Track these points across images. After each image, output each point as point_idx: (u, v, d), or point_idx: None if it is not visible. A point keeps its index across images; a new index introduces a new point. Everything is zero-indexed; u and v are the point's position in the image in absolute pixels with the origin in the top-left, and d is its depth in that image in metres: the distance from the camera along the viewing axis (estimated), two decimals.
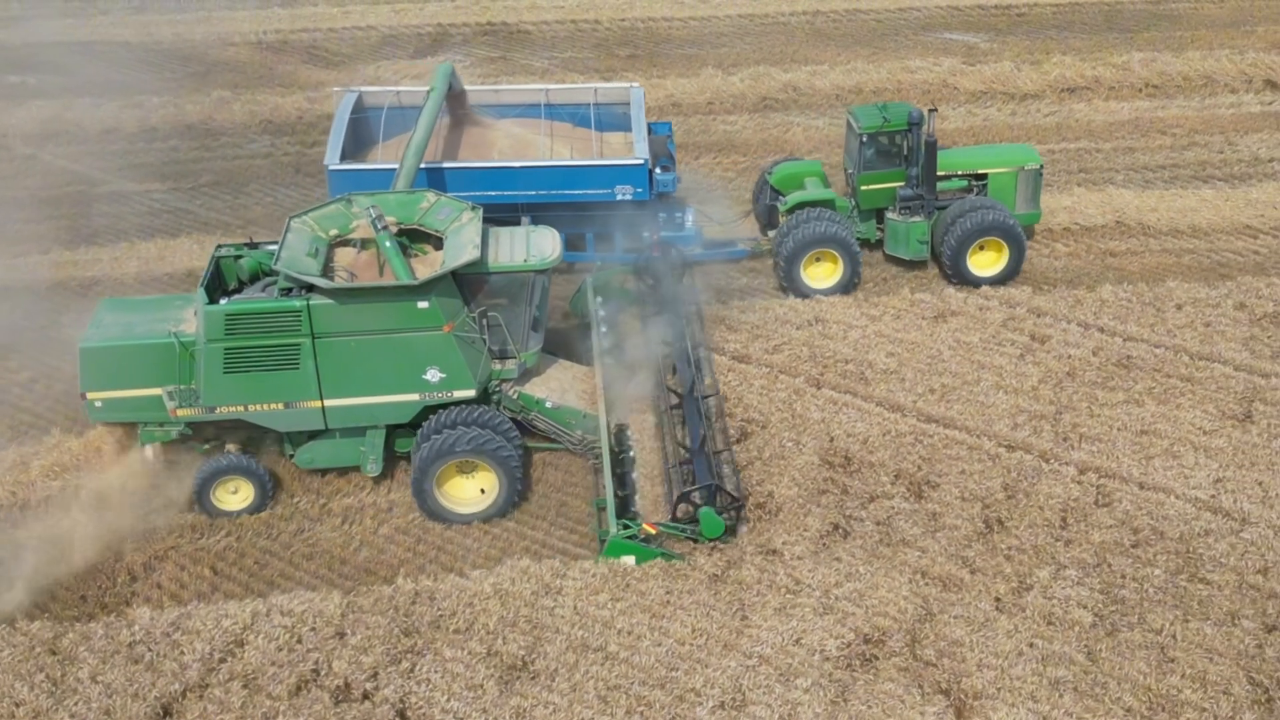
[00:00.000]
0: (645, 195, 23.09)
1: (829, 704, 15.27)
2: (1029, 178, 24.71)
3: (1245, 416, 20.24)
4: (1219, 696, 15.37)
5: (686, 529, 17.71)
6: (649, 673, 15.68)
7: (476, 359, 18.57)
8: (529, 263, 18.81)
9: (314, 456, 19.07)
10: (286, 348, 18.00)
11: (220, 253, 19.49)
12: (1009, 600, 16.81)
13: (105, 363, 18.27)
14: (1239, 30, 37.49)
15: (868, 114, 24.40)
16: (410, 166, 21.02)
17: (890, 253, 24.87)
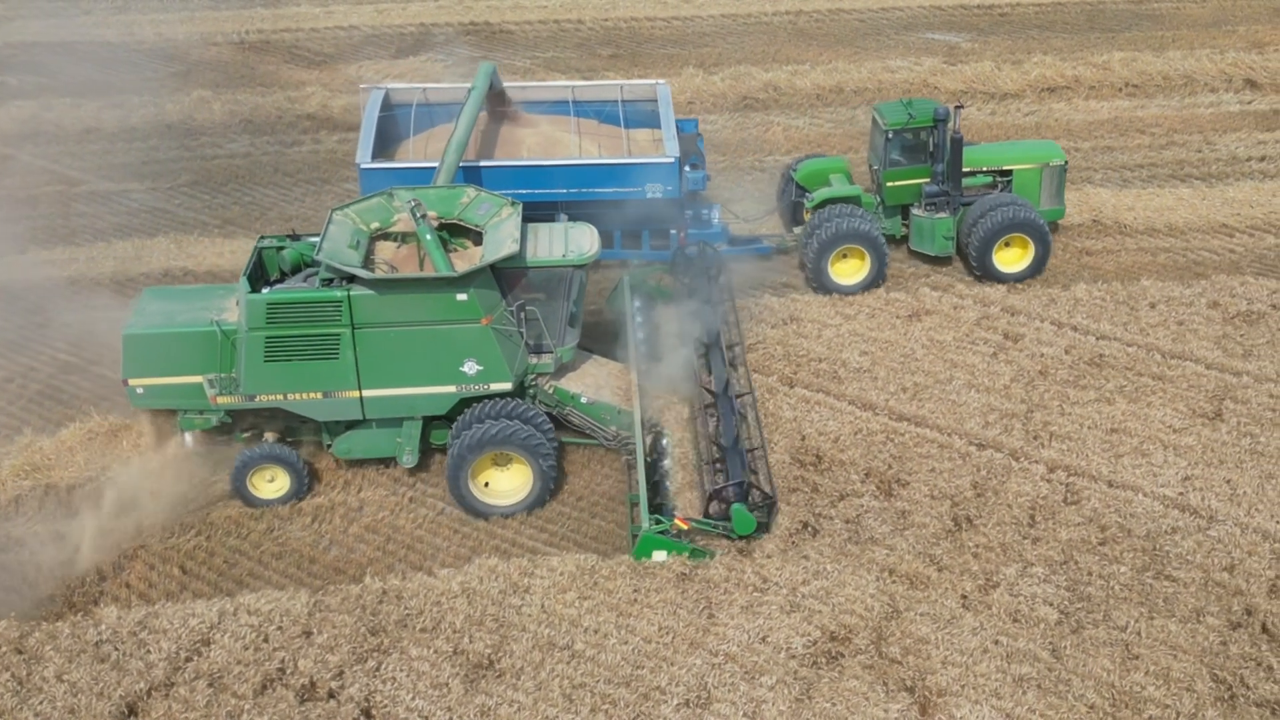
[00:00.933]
0: (676, 193, 23.23)
1: (793, 701, 15.32)
2: (1053, 174, 24.84)
3: (1215, 415, 20.31)
4: (1182, 693, 15.43)
5: (719, 525, 17.80)
6: (614, 671, 15.71)
7: (513, 352, 18.73)
8: (567, 258, 18.98)
9: (351, 447, 19.26)
10: (326, 337, 18.19)
11: (263, 244, 19.74)
12: (975, 598, 16.86)
13: (147, 350, 18.59)
14: (1220, 30, 37.58)
15: (893, 110, 24.50)
16: (451, 163, 21.20)
17: (915, 248, 24.96)
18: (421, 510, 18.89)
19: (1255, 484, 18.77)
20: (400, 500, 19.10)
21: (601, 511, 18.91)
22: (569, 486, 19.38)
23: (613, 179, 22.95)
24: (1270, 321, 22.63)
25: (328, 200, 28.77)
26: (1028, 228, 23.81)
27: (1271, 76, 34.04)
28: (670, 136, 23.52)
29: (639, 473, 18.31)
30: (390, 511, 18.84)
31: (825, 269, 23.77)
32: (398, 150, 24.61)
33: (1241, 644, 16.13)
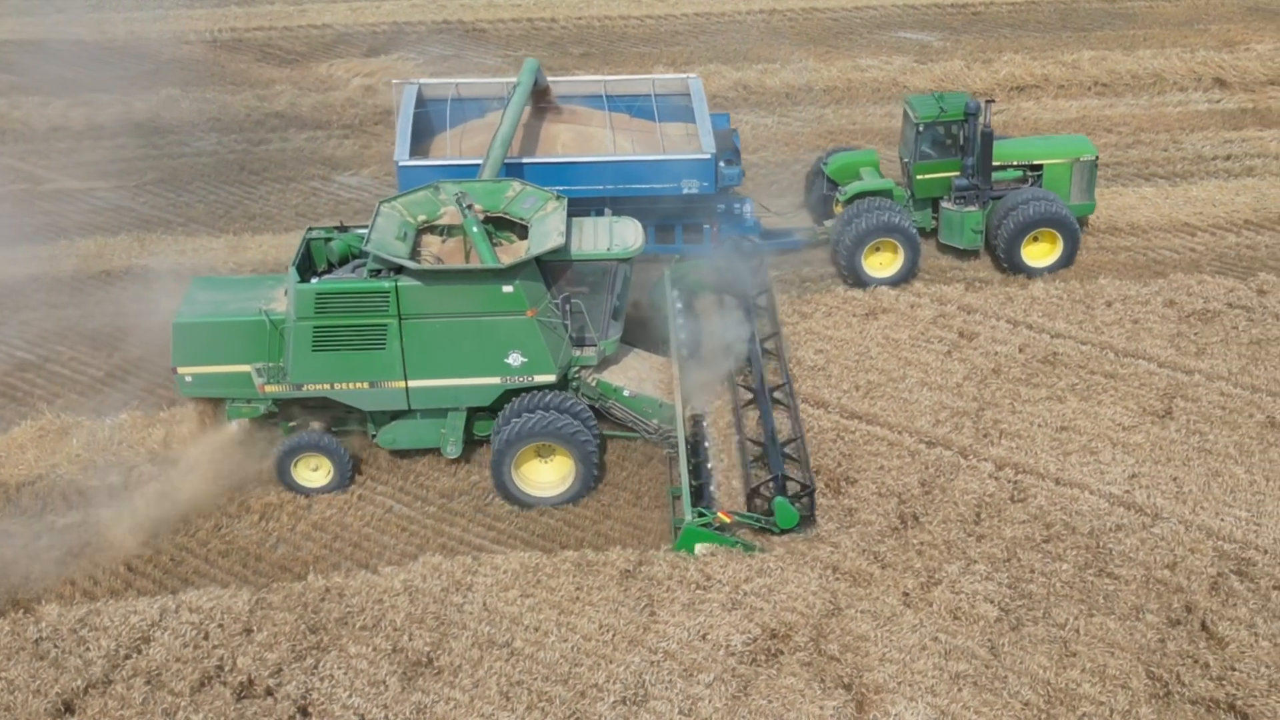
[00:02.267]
0: (711, 189, 23.32)
1: (729, 699, 15.35)
2: (1084, 169, 24.90)
3: (1165, 413, 20.35)
4: (1117, 690, 15.48)
5: (762, 519, 17.88)
6: (553, 669, 15.74)
7: (558, 345, 18.87)
8: (612, 251, 19.08)
9: (396, 437, 19.43)
10: (374, 328, 18.38)
11: (311, 235, 19.91)
12: (917, 595, 16.90)
13: (197, 339, 18.85)
14: (1192, 29, 37.62)
15: (924, 104, 24.63)
16: (496, 158, 21.32)
17: (944, 242, 25.09)
18: (369, 508, 18.91)
19: (1201, 481, 18.82)
20: (349, 498, 19.13)
21: (550, 509, 18.93)
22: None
23: (649, 174, 23.08)
24: (1225, 320, 22.68)
25: (292, 199, 28.82)
26: (1056, 222, 23.97)
27: (1241, 75, 34.10)
28: (706, 131, 23.67)
29: (681, 465, 18.37)
30: (339, 509, 18.86)
31: (859, 262, 23.91)
32: (432, 145, 24.77)
33: (1179, 641, 16.17)
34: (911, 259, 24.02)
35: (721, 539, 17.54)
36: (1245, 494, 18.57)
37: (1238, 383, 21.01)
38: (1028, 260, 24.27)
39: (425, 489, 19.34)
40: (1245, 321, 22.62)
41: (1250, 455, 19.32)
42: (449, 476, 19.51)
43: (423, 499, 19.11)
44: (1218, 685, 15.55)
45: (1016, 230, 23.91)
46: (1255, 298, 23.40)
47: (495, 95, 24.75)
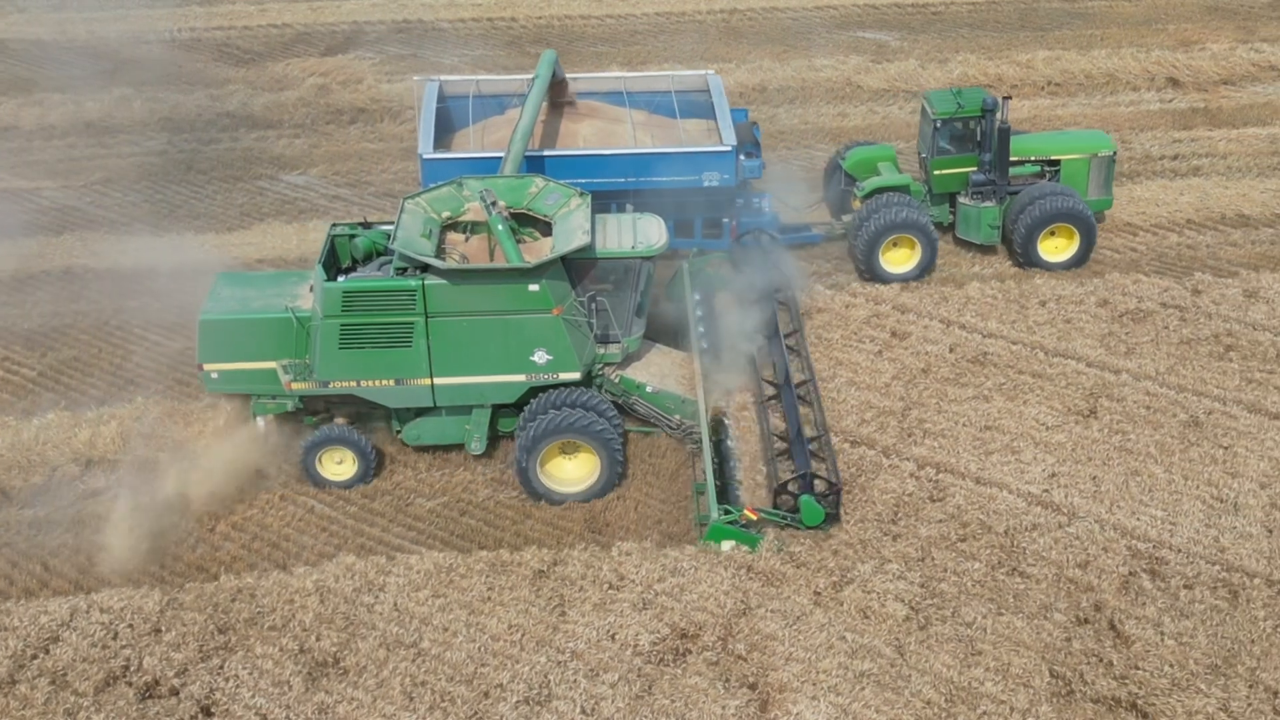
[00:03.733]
0: (732, 182, 23.47)
1: (632, 698, 15.39)
2: (1102, 164, 25.00)
3: (1090, 413, 20.40)
4: (1019, 688, 15.53)
5: (787, 516, 17.97)
6: (458, 669, 15.78)
7: (582, 342, 18.98)
8: (636, 249, 19.19)
9: (420, 433, 19.57)
10: (400, 326, 18.48)
11: (335, 231, 19.96)
12: (828, 594, 16.94)
13: (222, 335, 18.95)
14: (1150, 28, 37.66)
15: (942, 99, 24.74)
16: (517, 152, 21.41)
17: (961, 236, 25.19)
18: (290, 508, 18.93)
19: (1120, 481, 18.87)
20: (271, 498, 19.13)
21: (471, 510, 18.97)
22: (442, 484, 19.44)
23: (670, 168, 23.23)
24: (1157, 320, 22.74)
25: (238, 198, 28.81)
26: (1073, 217, 24.06)
27: (1194, 75, 34.16)
28: (726, 125, 23.86)
29: (705, 461, 18.48)
30: (259, 509, 18.87)
31: (876, 258, 24.00)
32: (454, 141, 24.96)
33: (1085, 640, 16.23)
34: (929, 255, 24.17)
35: (747, 536, 17.66)
36: (1163, 493, 18.63)
37: (1164, 382, 21.07)
38: (1044, 255, 24.42)
39: (348, 489, 19.38)
40: (1177, 321, 22.67)
41: (1170, 455, 19.38)
42: (373, 476, 19.53)
43: (344, 499, 19.11)
44: (1120, 684, 15.61)
45: (1033, 225, 24.07)
46: (1189, 297, 23.46)
47: (516, 91, 24.82)
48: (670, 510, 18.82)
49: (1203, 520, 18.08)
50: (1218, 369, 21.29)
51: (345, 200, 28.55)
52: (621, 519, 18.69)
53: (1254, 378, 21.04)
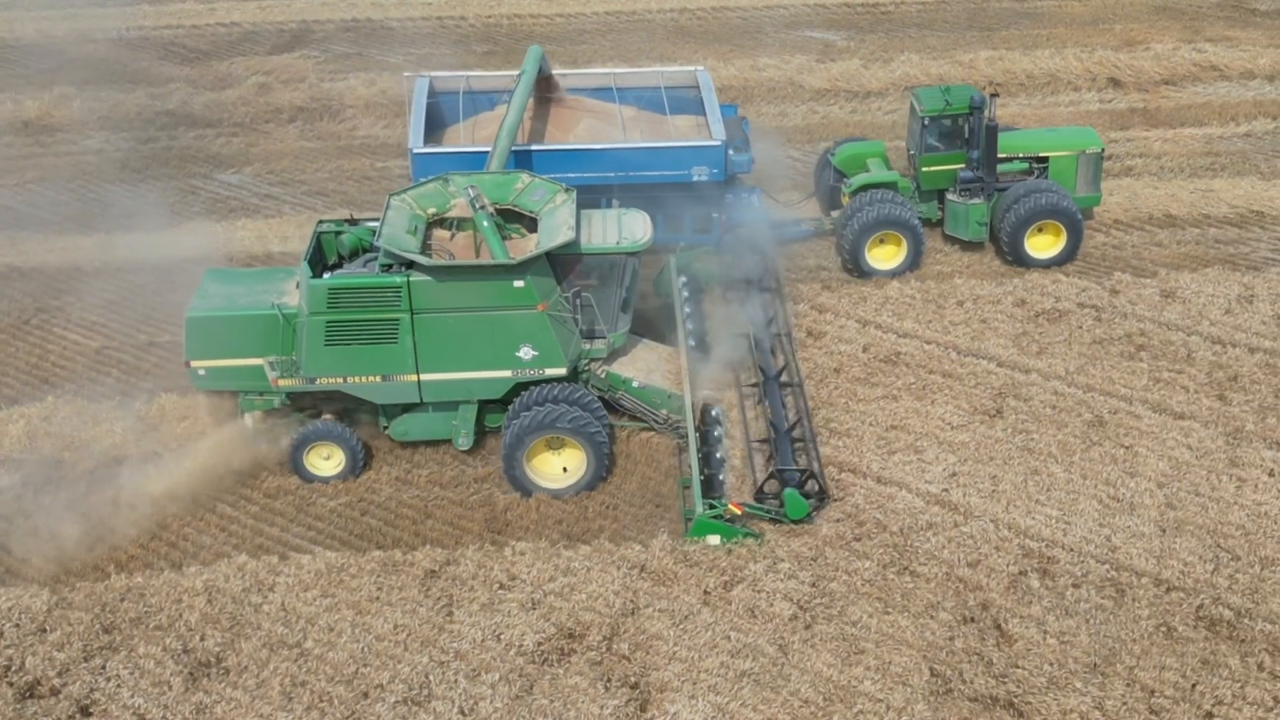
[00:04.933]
0: (721, 176, 23.56)
1: (511, 699, 15.43)
2: (1089, 161, 25.12)
3: (996, 412, 20.47)
4: (897, 687, 15.59)
5: (771, 510, 18.06)
6: (339, 669, 15.80)
7: (568, 338, 19.06)
8: (621, 245, 19.28)
9: (407, 429, 19.67)
10: (386, 322, 18.56)
11: (322, 228, 20.04)
12: (717, 594, 16.99)
13: (209, 332, 19.00)
14: (1097, 28, 37.74)
15: (930, 96, 24.86)
16: (503, 148, 21.54)
17: (950, 233, 25.29)
18: (193, 507, 18.86)
19: (1019, 480, 18.94)
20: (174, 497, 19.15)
21: (373, 509, 18.98)
22: (345, 485, 19.38)
23: (660, 162, 23.36)
24: (1072, 320, 22.81)
25: (170, 197, 28.76)
26: (1060, 214, 24.19)
27: (1136, 75, 34.25)
28: (716, 120, 24.02)
29: (691, 456, 18.57)
30: (162, 508, 18.86)
31: (863, 254, 24.10)
32: (445, 136, 25.09)
33: (969, 639, 16.29)
34: (915, 251, 24.29)
35: (732, 530, 17.74)
36: (1060, 493, 18.70)
37: (1073, 382, 21.14)
38: (1031, 252, 24.53)
39: (250, 488, 19.38)
40: (1092, 321, 22.75)
41: (1071, 454, 19.46)
42: (277, 476, 19.52)
43: (246, 498, 19.12)
44: (999, 683, 15.67)
45: (1020, 222, 24.18)
46: (1107, 297, 23.53)
47: (506, 88, 24.81)
48: (572, 510, 18.88)
49: (1097, 520, 18.15)
50: (1127, 369, 21.37)
51: (277, 199, 28.56)
52: (523, 519, 18.72)
53: (1162, 377, 21.12)
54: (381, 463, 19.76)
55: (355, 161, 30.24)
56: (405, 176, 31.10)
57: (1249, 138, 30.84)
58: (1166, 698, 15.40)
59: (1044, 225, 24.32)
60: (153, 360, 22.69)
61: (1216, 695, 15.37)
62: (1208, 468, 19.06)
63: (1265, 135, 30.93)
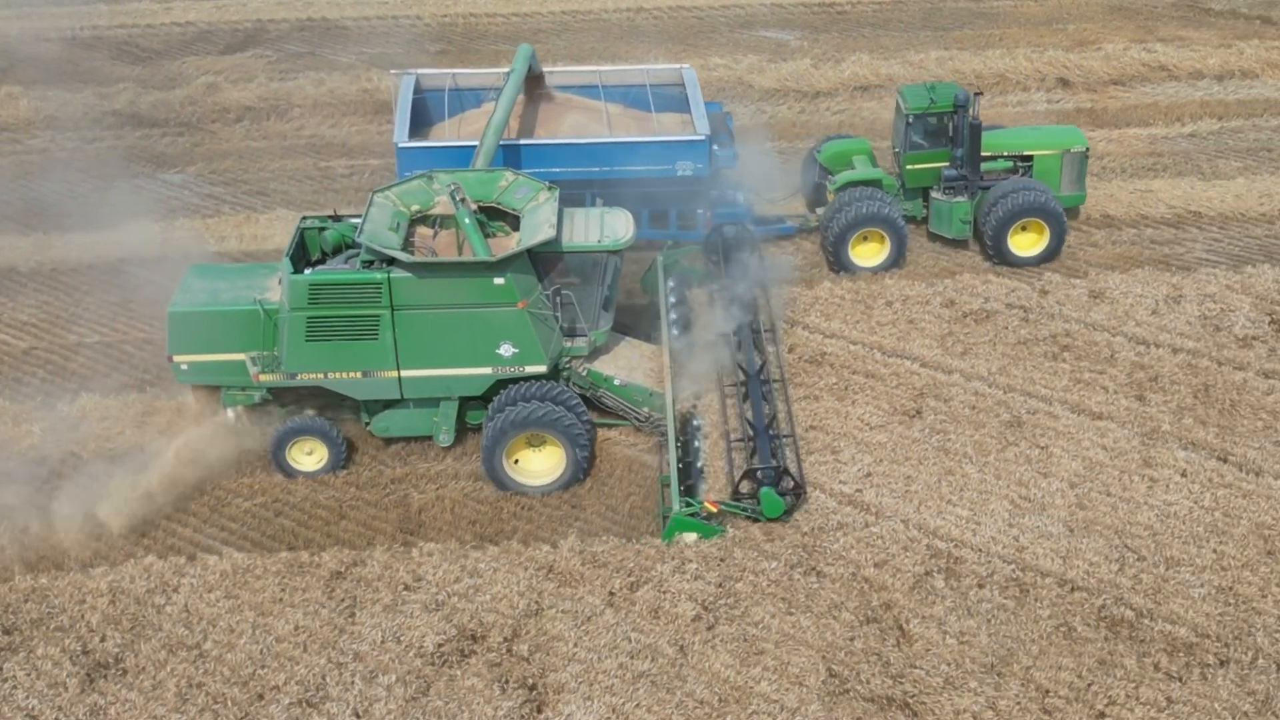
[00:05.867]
0: (706, 171, 23.67)
1: (406, 700, 15.44)
2: (1074, 160, 25.22)
3: (915, 413, 20.49)
4: (793, 687, 15.62)
5: (748, 508, 18.11)
6: (236, 670, 15.81)
7: (548, 336, 19.12)
8: (603, 243, 19.36)
9: (389, 425, 19.76)
10: (367, 318, 18.66)
11: (305, 224, 20.11)
12: (622, 595, 17.01)
13: (192, 327, 19.10)
14: (1050, 28, 37.77)
15: (915, 94, 24.94)
16: (490, 145, 21.60)
17: (934, 231, 25.36)
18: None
19: (932, 481, 18.97)
20: (90, 497, 19.10)
21: (287, 510, 18.98)
22: (261, 485, 19.42)
23: (644, 157, 23.49)
24: (998, 320, 22.84)
25: (111, 197, 28.68)
26: (1043, 212, 24.29)
27: (1085, 75, 34.29)
28: (700, 115, 24.13)
29: (670, 454, 18.63)
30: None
31: (846, 251, 24.20)
32: (431, 132, 25.20)
33: (869, 639, 16.33)
34: (898, 249, 24.38)
35: (708, 529, 17.80)
36: (972, 493, 18.73)
37: (994, 383, 21.17)
38: (1015, 250, 24.63)
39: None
40: (1018, 321, 22.78)
41: (986, 454, 19.49)
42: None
43: None
44: (895, 683, 15.71)
45: (1003, 220, 24.29)
46: (1035, 298, 23.57)
47: (492, 85, 24.99)
48: (487, 510, 18.89)
49: (1006, 520, 18.19)
50: (1049, 369, 21.42)
51: (217, 199, 28.52)
52: (437, 519, 18.74)
53: (1083, 378, 21.17)
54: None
55: (299, 161, 30.23)
56: (349, 175, 31.53)
57: (1193, 138, 30.91)
58: (1060, 698, 15.45)
59: (1027, 224, 24.41)
60: (80, 361, 22.68)
61: (1110, 695, 15.44)
62: (1121, 468, 19.12)
63: (1209, 136, 31.04)
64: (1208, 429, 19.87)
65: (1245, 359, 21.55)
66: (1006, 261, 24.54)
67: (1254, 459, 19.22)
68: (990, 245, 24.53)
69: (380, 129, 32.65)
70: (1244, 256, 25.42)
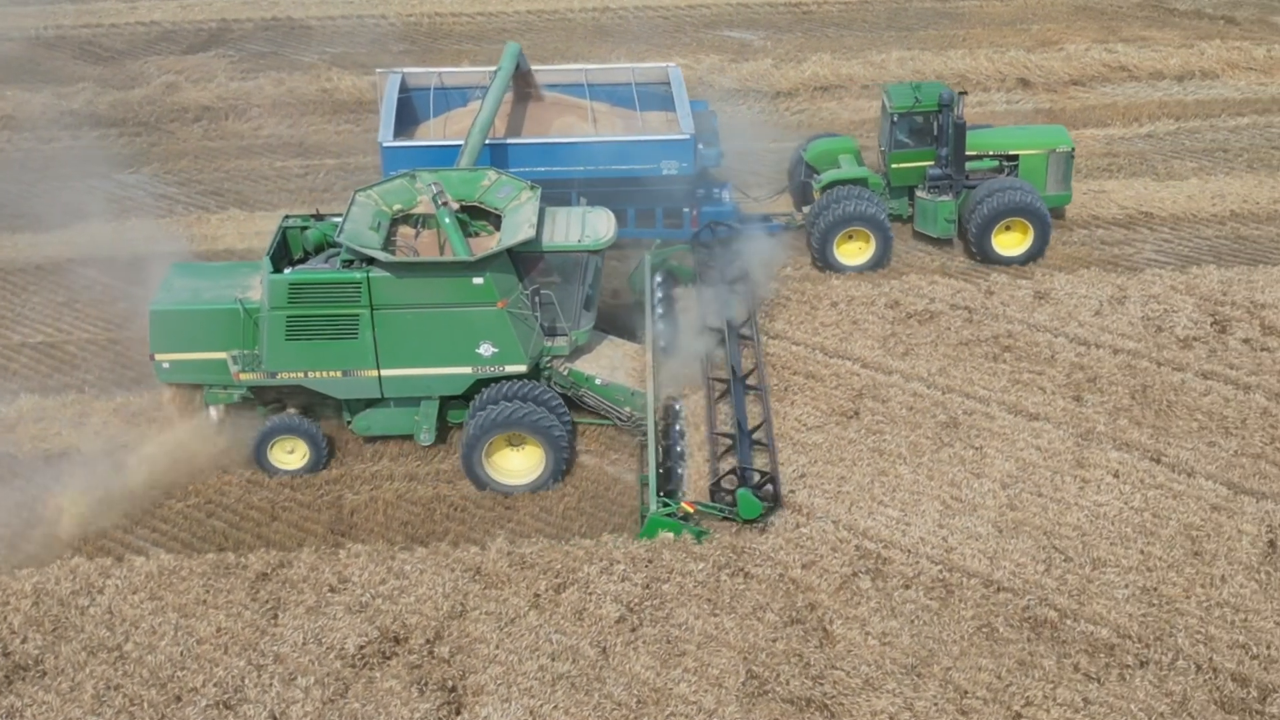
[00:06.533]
0: (690, 170, 23.72)
1: (323, 702, 15.43)
2: (1060, 160, 25.29)
3: (853, 413, 20.49)
4: (712, 689, 15.62)
5: (725, 509, 18.12)
6: (155, 672, 15.79)
7: (528, 335, 19.12)
8: (583, 243, 19.37)
9: (370, 424, 19.81)
10: (346, 318, 18.72)
11: (287, 223, 20.15)
12: (547, 596, 17.00)
13: (173, 326, 19.17)
14: (1014, 28, 37.78)
15: (900, 93, 25.01)
16: (475, 144, 21.64)
17: (919, 230, 25.42)
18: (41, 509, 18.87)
19: (865, 482, 18.97)
20: (24, 498, 19.00)
21: (219, 511, 18.95)
22: (195, 486, 19.34)
23: (629, 156, 23.53)
24: (941, 321, 22.85)
25: (65, 197, 28.67)
26: (1027, 212, 24.36)
27: (1046, 76, 34.33)
28: (685, 114, 24.16)
29: (649, 454, 18.64)
30: (5, 510, 18.74)
31: (831, 249, 24.26)
32: (417, 131, 25.19)
33: (791, 640, 16.32)
34: (883, 248, 24.43)
35: (685, 528, 17.82)
36: (904, 494, 18.75)
37: (933, 383, 21.18)
38: (999, 249, 24.70)
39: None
40: (961, 322, 22.79)
41: (920, 455, 19.50)
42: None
43: None
44: (815, 684, 15.71)
45: (987, 219, 24.36)
46: (981, 298, 23.58)
47: (479, 84, 25.00)
48: (419, 512, 18.88)
49: (937, 521, 18.20)
50: (988, 370, 21.43)
51: (170, 199, 28.48)
52: (369, 520, 18.72)
53: (1021, 379, 21.19)
54: (234, 464, 19.72)
55: (254, 161, 30.19)
56: (304, 175, 31.49)
57: (1150, 138, 30.96)
58: (978, 698, 15.46)
59: (1011, 223, 24.46)
60: (22, 362, 22.64)
61: (1027, 696, 15.45)
62: (1053, 469, 19.13)
63: (1166, 136, 31.08)
64: (1142, 430, 19.91)
65: (1185, 360, 21.61)
66: (990, 261, 24.58)
67: (1186, 459, 19.26)
68: (974, 244, 24.62)
69: (338, 128, 32.68)
70: (1192, 257, 25.48)
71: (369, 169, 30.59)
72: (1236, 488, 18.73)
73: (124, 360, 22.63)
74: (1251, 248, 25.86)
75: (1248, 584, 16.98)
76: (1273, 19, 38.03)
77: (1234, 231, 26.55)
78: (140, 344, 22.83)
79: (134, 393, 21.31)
